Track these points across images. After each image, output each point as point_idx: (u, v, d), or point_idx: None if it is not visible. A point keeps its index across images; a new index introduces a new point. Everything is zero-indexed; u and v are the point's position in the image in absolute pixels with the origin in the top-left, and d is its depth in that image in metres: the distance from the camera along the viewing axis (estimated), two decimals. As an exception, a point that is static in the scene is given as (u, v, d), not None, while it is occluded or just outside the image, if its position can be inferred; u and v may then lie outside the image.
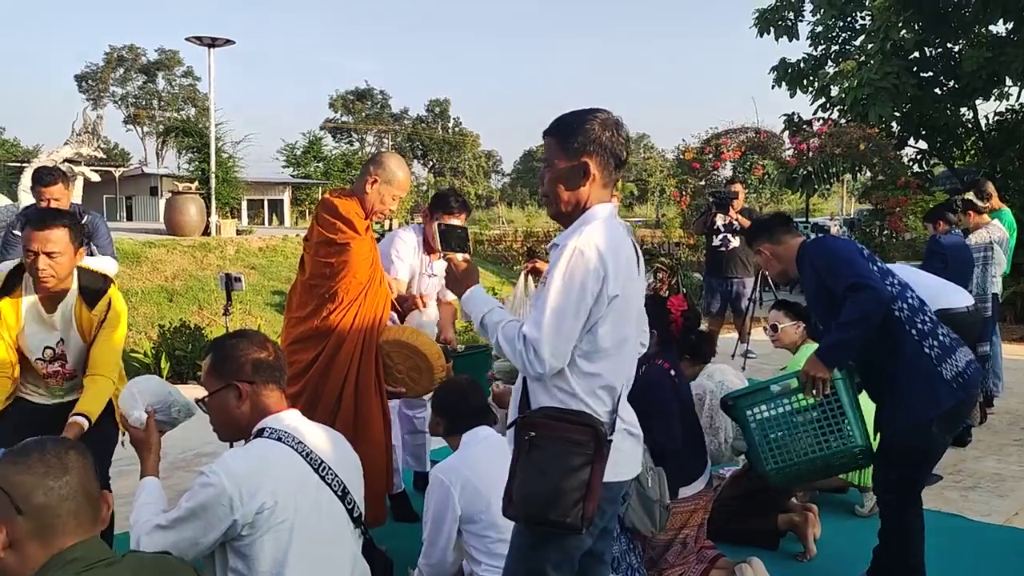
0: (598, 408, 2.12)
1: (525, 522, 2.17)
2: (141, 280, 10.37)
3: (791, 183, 12.55)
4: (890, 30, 12.29)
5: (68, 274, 3.06)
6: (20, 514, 1.52)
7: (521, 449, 2.08)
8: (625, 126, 2.21)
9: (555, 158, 2.17)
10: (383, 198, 3.46)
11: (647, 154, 67.95)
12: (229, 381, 2.26)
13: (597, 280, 2.05)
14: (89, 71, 63.16)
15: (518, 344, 2.04)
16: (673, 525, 3.29)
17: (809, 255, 3.17)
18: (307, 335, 3.42)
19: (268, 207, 32.75)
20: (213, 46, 14.17)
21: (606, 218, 2.16)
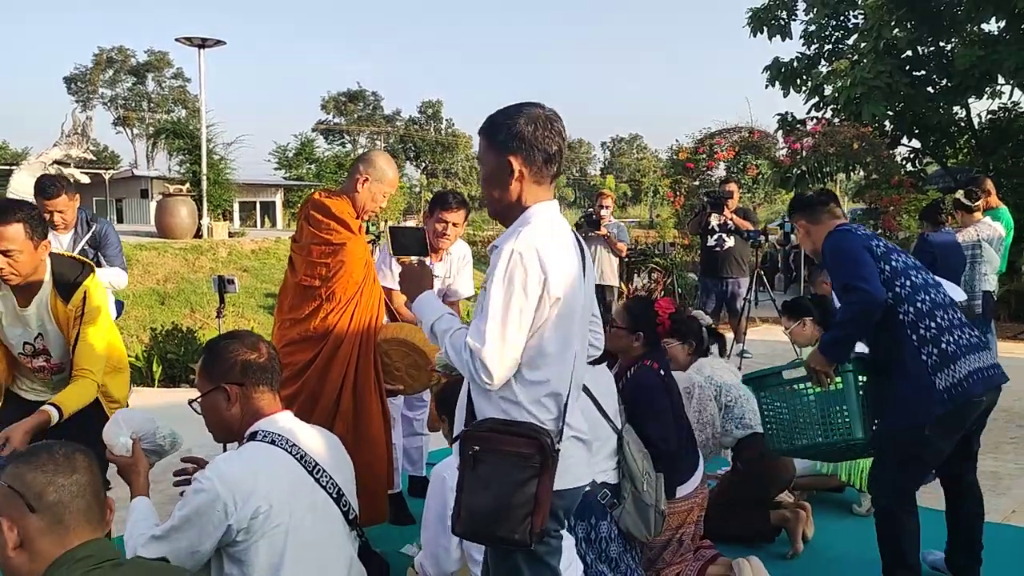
0: (543, 417, 2.04)
1: (474, 539, 2.14)
2: (132, 283, 10.30)
3: (785, 183, 12.55)
4: (883, 29, 12.31)
5: (33, 269, 2.92)
6: (33, 512, 1.56)
7: (466, 464, 2.01)
8: (559, 120, 2.12)
9: (486, 157, 2.13)
10: (374, 196, 3.44)
11: (640, 154, 68.09)
12: (218, 383, 2.24)
13: (538, 283, 1.97)
14: (78, 73, 62.94)
15: (464, 355, 1.98)
16: (671, 525, 3.28)
17: (824, 247, 3.23)
18: (304, 336, 3.38)
19: (260, 209, 32.62)
20: (203, 47, 14.09)
21: (546, 217, 2.10)
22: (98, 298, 3.05)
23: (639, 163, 62.77)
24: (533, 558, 2.06)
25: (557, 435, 2.04)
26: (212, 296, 9.83)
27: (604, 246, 8.38)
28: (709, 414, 3.75)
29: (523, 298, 1.96)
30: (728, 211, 8.11)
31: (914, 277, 3.07)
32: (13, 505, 1.56)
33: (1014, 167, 12.82)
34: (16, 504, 1.56)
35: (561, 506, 2.09)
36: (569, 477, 2.08)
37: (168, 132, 15.90)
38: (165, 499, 4.34)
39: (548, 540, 2.07)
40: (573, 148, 73.23)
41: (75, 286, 2.99)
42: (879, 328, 2.99)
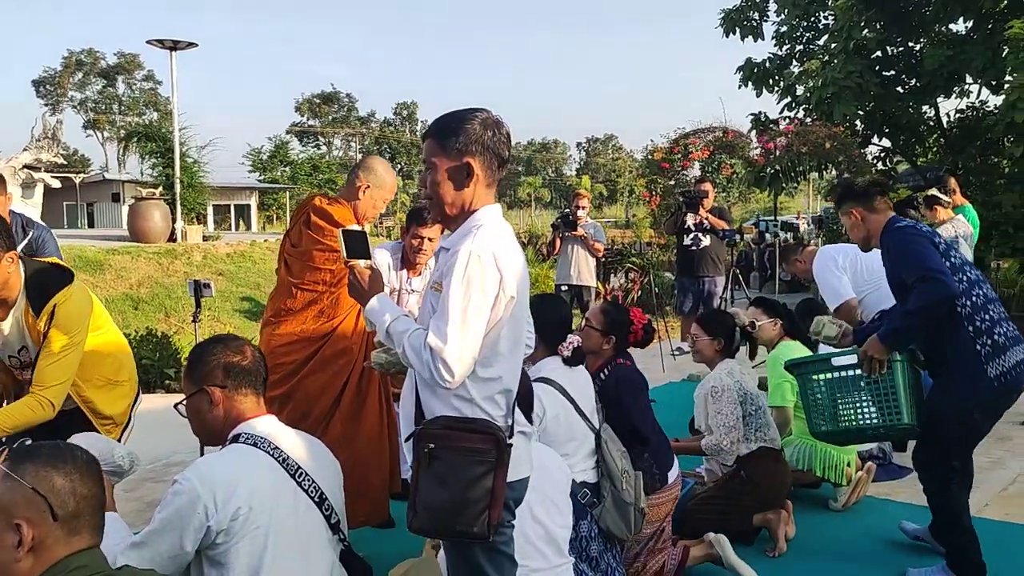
0: (495, 413, 2.09)
1: (432, 534, 2.17)
2: (105, 288, 10.18)
3: (759, 182, 12.67)
4: (852, 29, 12.45)
5: (3, 283, 2.77)
6: (55, 520, 1.52)
7: (421, 462, 2.03)
8: (506, 125, 2.18)
9: (437, 160, 2.13)
10: (375, 203, 3.47)
11: (616, 155, 68.34)
12: (200, 386, 2.23)
13: (495, 284, 2.02)
14: (47, 76, 62.04)
15: (424, 355, 1.99)
16: (659, 515, 3.33)
17: (887, 240, 3.37)
18: (299, 336, 3.38)
19: (235, 212, 32.38)
20: (175, 49, 13.96)
21: (496, 220, 2.15)
22: (73, 309, 2.87)
23: (614, 163, 63.05)
24: (491, 549, 2.12)
25: (508, 430, 2.10)
26: (187, 300, 9.74)
27: (581, 246, 8.40)
28: (734, 418, 3.77)
29: (481, 298, 2.00)
30: (703, 210, 8.17)
31: (969, 273, 3.27)
32: (36, 509, 1.51)
33: (983, 165, 13.03)
34: (38, 508, 1.51)
35: (512, 497, 2.14)
36: (517, 469, 2.14)
37: (140, 135, 15.70)
38: (143, 507, 4.30)
39: (503, 530, 2.13)
40: (549, 148, 73.38)
41: (45, 299, 2.83)
42: (938, 320, 3.15)
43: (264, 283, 11.83)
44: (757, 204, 26.03)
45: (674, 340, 8.79)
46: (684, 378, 7.52)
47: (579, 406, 3.07)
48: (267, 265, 12.69)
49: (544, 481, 2.57)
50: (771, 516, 3.76)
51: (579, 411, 3.07)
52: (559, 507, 2.72)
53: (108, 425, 3.04)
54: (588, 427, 3.09)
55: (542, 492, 2.55)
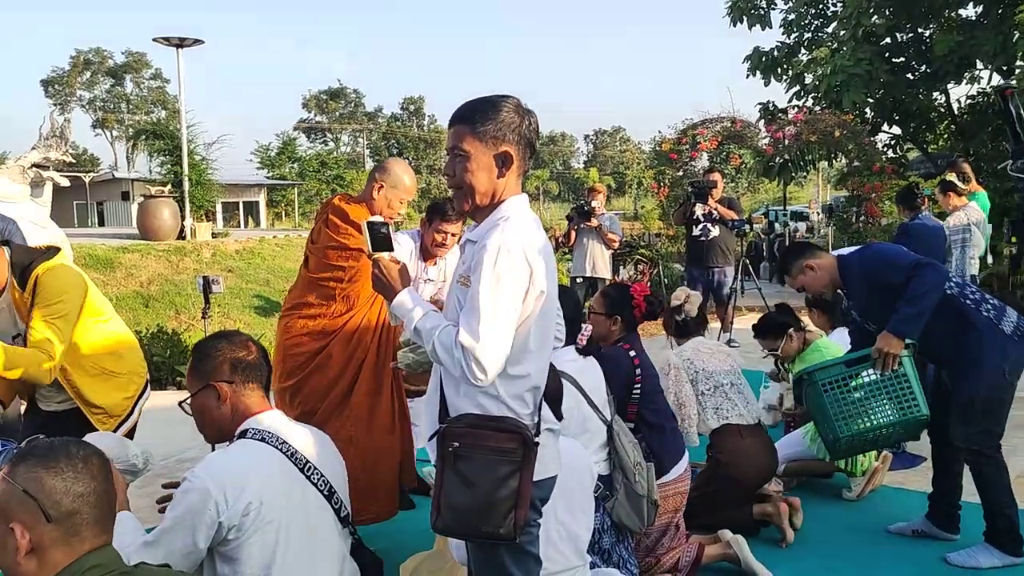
0: (521, 411, 2.03)
1: (457, 535, 2.12)
2: (115, 286, 10.22)
3: (768, 171, 12.60)
4: (861, 16, 12.38)
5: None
6: (49, 521, 1.49)
7: (445, 461, 1.98)
8: (535, 114, 2.11)
9: (470, 147, 2.03)
10: (390, 203, 3.53)
11: (624, 146, 68.17)
12: (207, 382, 2.22)
13: (526, 278, 1.97)
14: (55, 75, 62.25)
15: (456, 352, 1.94)
16: (669, 508, 3.31)
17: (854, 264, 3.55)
18: (312, 330, 3.45)
19: (243, 209, 32.44)
20: (181, 47, 13.98)
21: (523, 211, 2.08)
22: (58, 279, 2.80)
23: (622, 155, 62.86)
24: (517, 549, 2.07)
25: (534, 428, 2.04)
26: (197, 297, 9.76)
27: (596, 238, 8.37)
28: (685, 395, 3.73)
29: (512, 293, 1.95)
30: (712, 201, 8.13)
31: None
32: (28, 511, 1.49)
33: (994, 151, 12.93)
34: (31, 510, 1.48)
35: (538, 496, 2.09)
36: (544, 467, 2.09)
37: (148, 133, 15.75)
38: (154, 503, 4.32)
39: (529, 530, 2.08)
40: (556, 141, 73.23)
41: (28, 272, 2.78)
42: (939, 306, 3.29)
43: (274, 279, 11.85)
44: (766, 194, 25.91)
45: (684, 331, 8.74)
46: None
47: (591, 398, 3.05)
48: (276, 262, 12.70)
49: (571, 479, 2.53)
50: (771, 510, 3.72)
51: (591, 403, 3.05)
52: (583, 507, 2.70)
53: (100, 415, 2.98)
54: (600, 419, 3.07)
55: (567, 491, 2.51)
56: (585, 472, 2.75)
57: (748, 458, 3.73)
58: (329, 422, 3.31)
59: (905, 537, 3.72)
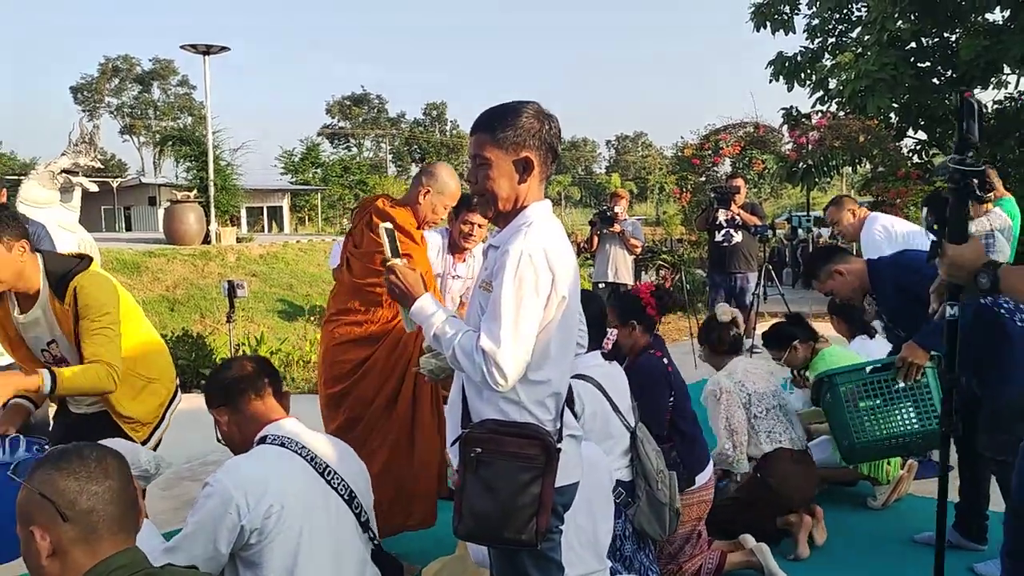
0: (543, 417, 2.03)
1: (478, 541, 2.12)
2: (142, 290, 10.35)
3: (791, 177, 12.52)
4: (886, 21, 12.26)
5: (15, 273, 2.76)
6: (66, 521, 1.51)
7: (468, 466, 1.98)
8: (556, 118, 2.10)
9: (490, 154, 2.04)
10: (435, 208, 3.49)
11: (645, 152, 67.99)
12: (210, 409, 2.36)
13: (547, 284, 1.96)
14: (84, 82, 63.22)
15: (477, 358, 1.94)
16: (692, 516, 3.30)
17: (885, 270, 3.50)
18: (359, 336, 3.40)
19: (267, 214, 32.70)
20: (208, 53, 14.16)
21: (546, 216, 2.08)
22: (90, 294, 2.82)
23: (644, 161, 62.64)
24: (538, 556, 2.07)
25: (557, 434, 2.05)
26: (222, 301, 9.86)
27: (619, 244, 8.36)
28: (736, 421, 3.67)
29: (534, 299, 1.95)
30: (735, 206, 8.09)
31: None
32: (45, 513, 1.52)
33: (1021, 157, 12.75)
34: (48, 512, 1.52)
35: (560, 502, 2.09)
36: (567, 474, 2.09)
37: (174, 139, 15.97)
38: (179, 505, 4.37)
39: (551, 536, 2.08)
40: (578, 147, 73.20)
41: (66, 283, 2.81)
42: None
43: (297, 284, 11.95)
44: (789, 199, 25.76)
45: (706, 337, 8.71)
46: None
47: (615, 403, 3.05)
48: (299, 266, 12.81)
49: (592, 484, 2.53)
50: (793, 519, 3.69)
51: (615, 409, 3.04)
52: (604, 511, 2.69)
53: (133, 425, 3.01)
54: (624, 425, 3.06)
55: (588, 495, 2.50)
56: (605, 476, 2.75)
57: (797, 483, 3.72)
58: (375, 428, 3.32)
59: (931, 547, 3.67)
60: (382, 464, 3.27)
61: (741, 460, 3.68)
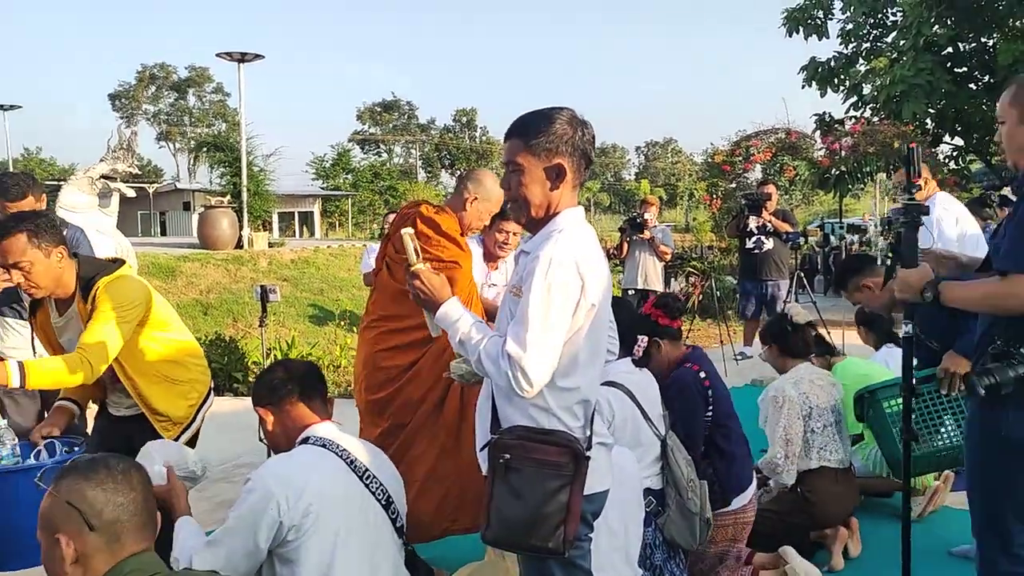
0: (572, 424, 2.03)
1: (506, 547, 2.13)
2: (176, 294, 10.50)
3: (824, 183, 12.40)
4: (922, 26, 12.12)
5: (54, 279, 2.81)
6: (92, 530, 1.58)
7: (496, 472, 1.99)
8: (591, 125, 2.11)
9: (523, 161, 2.05)
10: (481, 215, 3.48)
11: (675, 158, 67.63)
12: (255, 407, 2.40)
13: (576, 291, 1.96)
14: (122, 89, 64.40)
15: (503, 363, 1.93)
16: (725, 536, 3.24)
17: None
18: (405, 342, 3.36)
19: (299, 219, 33.05)
20: (243, 61, 14.36)
21: (578, 223, 2.08)
22: (118, 289, 2.85)
23: (674, 167, 62.33)
24: (567, 563, 2.06)
25: (586, 442, 2.04)
26: (254, 306, 9.98)
27: (648, 250, 8.33)
28: (792, 432, 3.59)
29: (562, 305, 1.95)
30: (767, 213, 8.03)
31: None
32: (72, 521, 1.58)
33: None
34: (75, 521, 1.58)
35: (590, 510, 2.09)
36: (596, 481, 2.08)
37: (209, 146, 16.23)
38: (213, 506, 4.42)
39: (580, 544, 2.07)
40: (607, 153, 73.04)
41: (91, 286, 2.84)
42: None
43: (327, 288, 12.05)
44: (821, 206, 25.43)
45: (736, 344, 8.64)
46: (747, 383, 7.40)
47: (646, 411, 3.03)
48: (330, 271, 12.92)
49: (624, 489, 2.52)
50: (828, 531, 3.64)
51: (646, 416, 3.03)
52: (634, 517, 2.68)
53: (164, 422, 3.04)
54: (654, 433, 3.05)
55: (620, 501, 2.49)
56: (637, 482, 2.74)
57: (837, 503, 3.66)
58: (421, 433, 3.30)
59: (968, 560, 3.60)
60: (428, 469, 3.25)
61: (790, 472, 3.60)
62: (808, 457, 3.64)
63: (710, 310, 10.81)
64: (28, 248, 2.74)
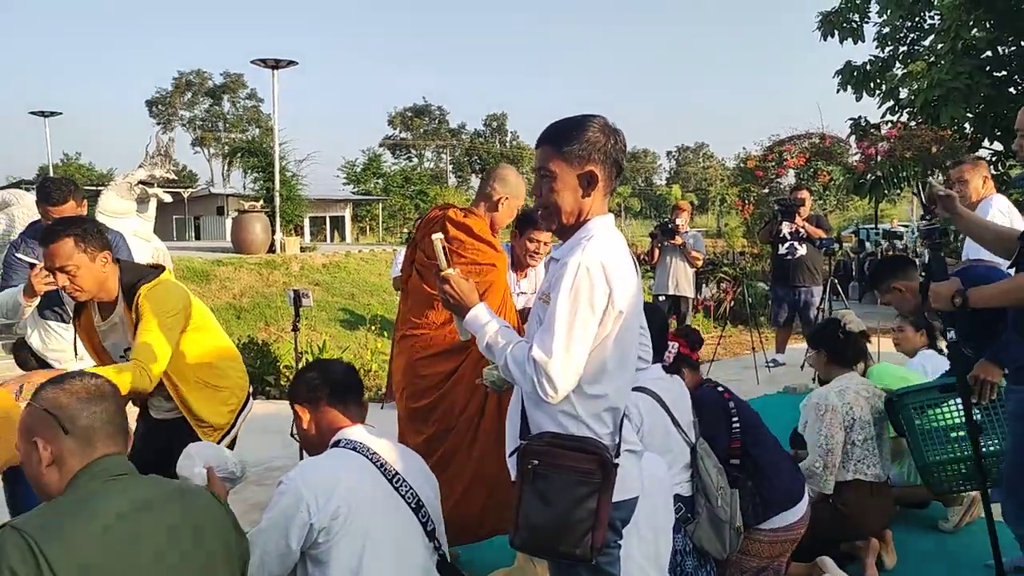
0: (601, 431, 2.03)
1: (534, 553, 2.14)
2: (210, 298, 10.64)
3: (859, 189, 12.22)
4: (961, 29, 11.91)
5: (98, 283, 2.87)
6: (67, 434, 1.73)
7: (524, 478, 2.00)
8: (622, 132, 2.11)
9: (556, 168, 2.06)
10: (512, 212, 3.48)
11: (707, 163, 67.22)
12: (292, 404, 2.43)
13: (604, 297, 1.96)
14: (159, 96, 65.51)
15: (528, 368, 1.95)
16: (766, 553, 3.19)
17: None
18: (443, 349, 3.35)
19: (330, 224, 33.34)
20: (276, 68, 14.53)
21: (608, 230, 2.08)
22: (160, 295, 2.90)
23: (705, 172, 61.98)
24: (596, 570, 2.07)
25: (615, 449, 2.04)
26: (286, 310, 10.08)
27: (679, 256, 8.29)
28: (834, 443, 3.53)
29: (589, 312, 1.95)
30: (800, 218, 7.95)
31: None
32: (48, 426, 1.73)
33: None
34: (51, 426, 1.73)
35: (619, 517, 2.09)
36: (625, 489, 2.09)
37: (243, 151, 16.41)
38: (247, 508, 4.47)
39: (608, 551, 2.07)
40: (638, 158, 72.80)
41: (134, 291, 2.90)
42: None
43: (359, 293, 12.14)
44: (856, 212, 25.13)
45: (768, 351, 8.56)
46: (779, 391, 7.32)
47: (676, 418, 3.02)
48: (361, 275, 13.01)
49: (655, 496, 2.51)
50: (860, 544, 3.57)
51: (675, 423, 3.01)
52: (665, 524, 2.67)
53: (205, 428, 3.08)
54: (684, 440, 3.03)
55: (651, 508, 2.49)
56: (666, 487, 2.72)
57: (870, 516, 3.59)
58: (465, 437, 3.30)
59: (1012, 572, 3.54)
60: (473, 471, 3.25)
61: (828, 481, 3.54)
62: (844, 469, 3.58)
63: (742, 316, 10.71)
64: (75, 252, 2.80)
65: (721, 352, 9.19)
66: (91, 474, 1.73)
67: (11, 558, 1.53)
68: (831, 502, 3.60)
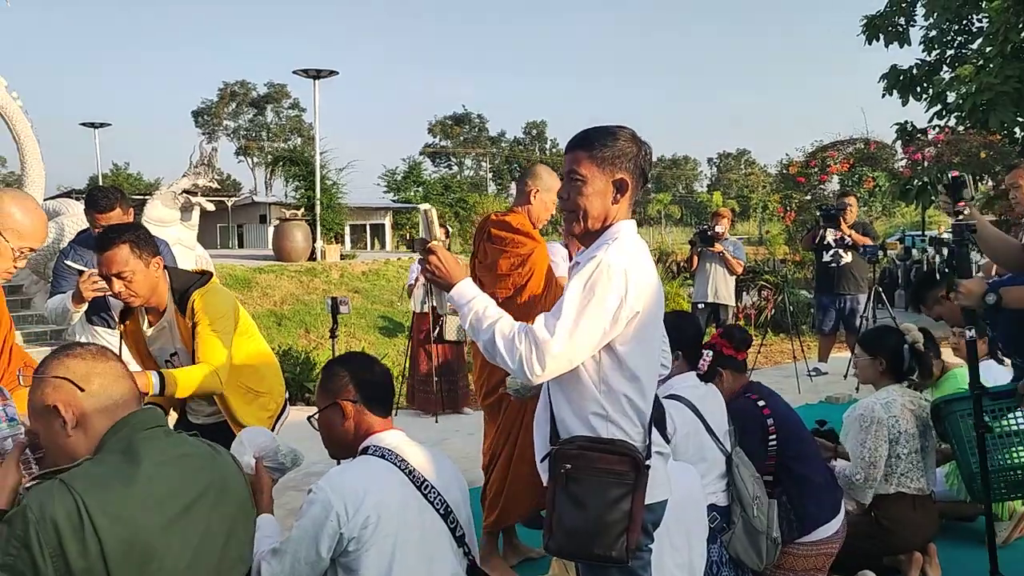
0: (631, 431, 2.04)
1: (569, 557, 2.14)
2: (252, 305, 10.81)
3: (905, 195, 11.98)
4: (1009, 32, 11.62)
5: (151, 289, 2.93)
6: (83, 391, 1.68)
7: (558, 482, 2.00)
8: (649, 145, 2.15)
9: (587, 172, 2.08)
10: (546, 205, 3.59)
11: (748, 170, 66.54)
12: (333, 400, 2.33)
13: (617, 296, 1.96)
14: (204, 107, 66.92)
15: (519, 342, 1.93)
16: (801, 567, 3.13)
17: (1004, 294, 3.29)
18: None
19: (370, 231, 33.63)
20: (318, 78, 14.75)
21: (632, 234, 2.11)
22: (213, 300, 2.98)
23: (747, 179, 61.33)
24: (629, 573, 2.07)
25: (645, 450, 2.05)
26: (325, 317, 10.20)
27: (719, 263, 8.20)
28: (877, 455, 3.43)
29: (600, 307, 1.95)
30: (845, 225, 7.82)
31: None
32: (63, 390, 1.69)
33: None
34: (66, 389, 1.69)
35: (650, 520, 2.09)
36: (655, 491, 2.09)
37: (285, 160, 16.67)
38: (285, 513, 4.51)
39: (640, 554, 2.08)
40: (679, 165, 72.34)
41: (187, 297, 2.96)
42: None
43: (398, 300, 12.22)
44: (902, 218, 24.64)
45: (811, 360, 8.41)
46: (821, 400, 7.19)
47: (710, 426, 2.98)
48: (400, 283, 13.11)
49: (686, 505, 2.49)
50: (903, 557, 3.48)
51: (710, 431, 2.97)
52: (699, 534, 2.64)
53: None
54: (719, 448, 2.99)
55: (683, 517, 2.47)
56: (700, 497, 2.69)
57: (913, 530, 3.50)
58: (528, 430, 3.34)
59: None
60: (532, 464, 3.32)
61: (868, 494, 3.45)
62: (887, 482, 3.49)
63: (783, 325, 10.56)
64: (131, 258, 2.86)
65: (762, 360, 9.06)
66: (130, 425, 1.69)
67: (57, 514, 1.51)
68: (873, 515, 3.52)
